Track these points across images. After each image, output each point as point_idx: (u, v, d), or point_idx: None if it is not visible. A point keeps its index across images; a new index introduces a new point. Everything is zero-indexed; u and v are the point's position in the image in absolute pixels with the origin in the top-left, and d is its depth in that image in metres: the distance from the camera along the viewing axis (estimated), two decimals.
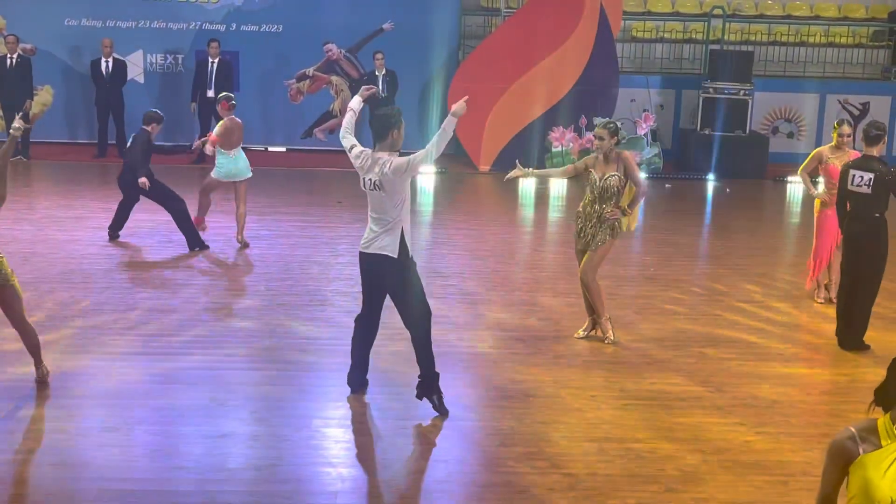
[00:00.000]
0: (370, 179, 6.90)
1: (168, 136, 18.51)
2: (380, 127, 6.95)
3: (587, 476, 6.24)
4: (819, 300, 9.95)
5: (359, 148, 7.09)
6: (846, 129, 9.69)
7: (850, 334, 8.64)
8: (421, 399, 7.10)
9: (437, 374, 7.10)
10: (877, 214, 8.39)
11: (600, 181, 8.40)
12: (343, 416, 7.06)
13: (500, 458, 6.48)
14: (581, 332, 8.76)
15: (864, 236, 8.46)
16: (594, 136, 8.53)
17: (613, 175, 8.37)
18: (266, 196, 14.62)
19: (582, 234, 8.55)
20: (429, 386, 7.09)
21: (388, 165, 6.81)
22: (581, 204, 8.64)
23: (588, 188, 8.51)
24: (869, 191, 8.31)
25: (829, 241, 9.76)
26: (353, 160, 7.08)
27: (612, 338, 8.61)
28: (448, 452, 6.61)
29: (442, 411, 7.05)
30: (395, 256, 6.89)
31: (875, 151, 8.43)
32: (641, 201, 8.60)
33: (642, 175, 8.88)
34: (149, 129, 11.33)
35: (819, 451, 6.69)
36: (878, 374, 8.11)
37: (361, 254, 7.09)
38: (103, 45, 17.22)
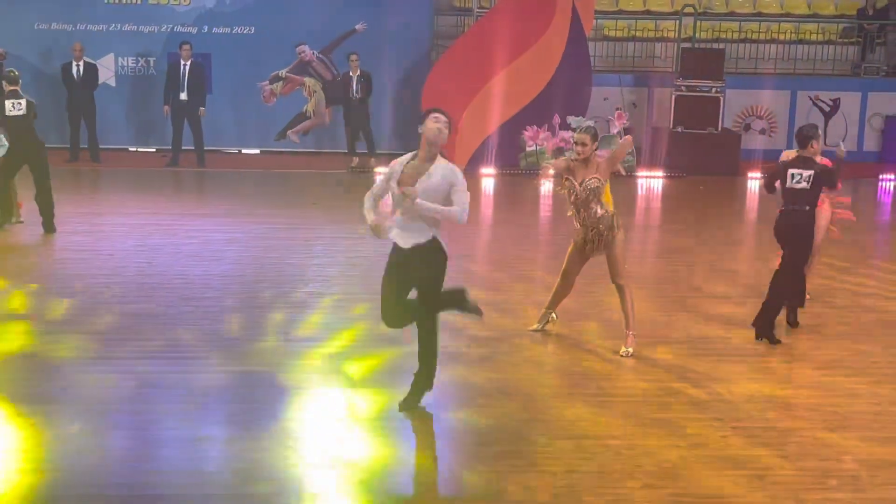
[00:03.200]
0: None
1: (142, 140, 18.52)
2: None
3: (565, 473, 6.26)
4: None
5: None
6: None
7: (793, 311, 9.25)
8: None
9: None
10: (808, 207, 8.84)
11: (580, 186, 8.26)
12: (321, 416, 7.05)
13: (478, 457, 6.48)
14: (536, 325, 8.81)
15: (801, 227, 8.87)
16: (575, 142, 8.32)
17: (593, 178, 8.23)
18: (240, 198, 14.58)
19: (588, 243, 8.37)
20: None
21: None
22: (571, 214, 8.46)
23: (569, 195, 8.36)
24: (808, 186, 8.77)
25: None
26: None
27: (630, 352, 8.37)
28: (426, 451, 6.62)
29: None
30: None
31: (808, 153, 8.86)
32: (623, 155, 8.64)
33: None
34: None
35: (795, 445, 6.75)
36: (842, 369, 8.19)
37: None
38: (74, 48, 17.12)
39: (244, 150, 18.67)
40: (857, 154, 19.06)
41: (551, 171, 8.62)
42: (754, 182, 16.89)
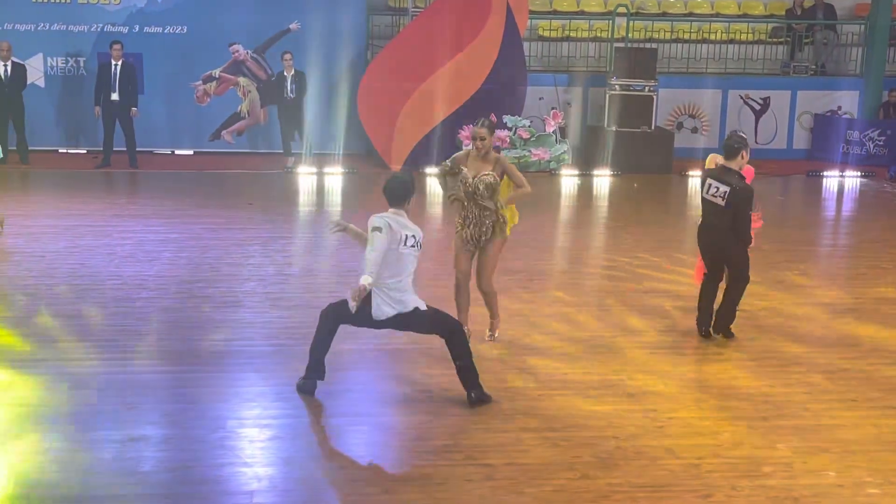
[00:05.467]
0: (414, 236, 7.26)
1: (72, 141, 18.23)
2: (404, 192, 7.20)
3: (504, 466, 6.28)
4: None
5: (401, 231, 7.25)
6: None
7: (720, 323, 8.80)
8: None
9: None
10: (726, 227, 8.44)
11: (473, 179, 8.17)
12: (257, 415, 6.99)
13: (416, 452, 6.48)
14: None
15: (718, 247, 8.60)
16: (474, 136, 8.29)
17: (488, 174, 8.16)
18: (174, 199, 14.41)
19: (464, 233, 8.33)
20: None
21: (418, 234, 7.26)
22: (452, 200, 8.38)
23: (459, 186, 8.24)
24: (723, 203, 8.40)
25: None
26: (402, 243, 7.26)
27: (496, 336, 8.58)
28: (364, 448, 6.59)
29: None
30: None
31: (734, 165, 8.47)
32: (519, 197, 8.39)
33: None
34: None
35: (729, 434, 6.84)
36: (774, 359, 8.31)
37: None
38: (1, 48, 16.78)
39: (177, 151, 18.45)
40: (787, 152, 19.43)
41: (447, 163, 8.48)
42: (685, 179, 17.10)
